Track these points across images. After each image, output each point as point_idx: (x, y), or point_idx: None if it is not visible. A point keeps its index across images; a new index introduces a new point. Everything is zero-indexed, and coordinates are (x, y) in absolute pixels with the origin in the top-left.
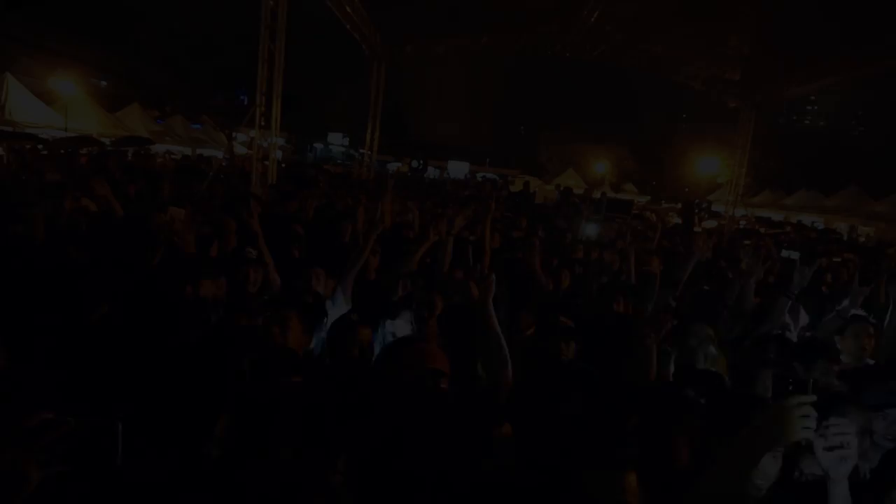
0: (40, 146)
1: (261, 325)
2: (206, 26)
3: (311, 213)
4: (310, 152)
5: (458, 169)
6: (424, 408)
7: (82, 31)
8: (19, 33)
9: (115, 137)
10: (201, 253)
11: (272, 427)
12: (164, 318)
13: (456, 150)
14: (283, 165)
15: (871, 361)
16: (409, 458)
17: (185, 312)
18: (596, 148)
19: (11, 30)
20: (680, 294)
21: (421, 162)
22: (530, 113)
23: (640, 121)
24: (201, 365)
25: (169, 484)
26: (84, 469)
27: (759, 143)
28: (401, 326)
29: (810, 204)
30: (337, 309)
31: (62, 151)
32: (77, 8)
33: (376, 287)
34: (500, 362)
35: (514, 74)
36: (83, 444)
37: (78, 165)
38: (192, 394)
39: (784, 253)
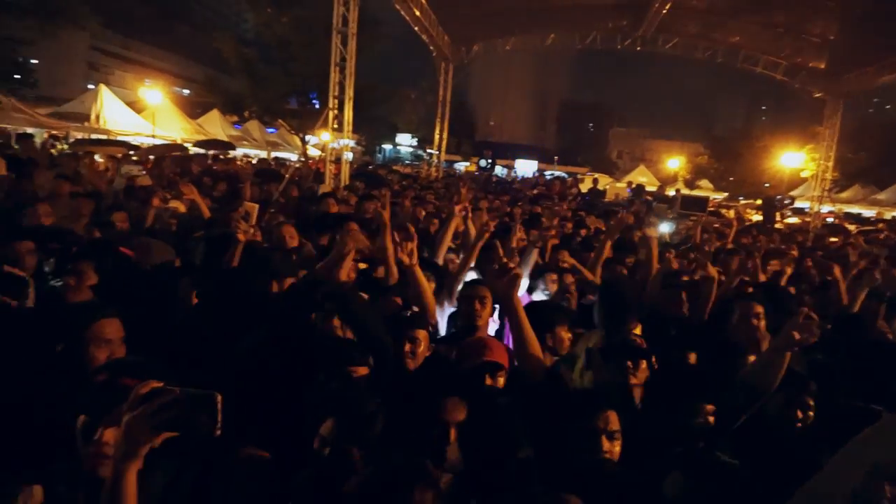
0: (131, 152)
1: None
2: (281, 33)
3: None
4: (378, 153)
5: (525, 167)
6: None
7: (168, 45)
8: (114, 49)
9: (196, 142)
10: (285, 252)
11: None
12: (252, 314)
13: (524, 148)
14: (354, 167)
15: None
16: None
17: (274, 309)
18: (669, 143)
19: (106, 46)
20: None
21: (489, 161)
22: (600, 110)
23: (717, 114)
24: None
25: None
26: (189, 436)
27: (848, 136)
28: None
29: None
30: (444, 312)
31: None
32: (163, 23)
33: None
34: (531, 353)
35: (583, 71)
36: (188, 412)
37: (166, 170)
38: (284, 390)
39: None
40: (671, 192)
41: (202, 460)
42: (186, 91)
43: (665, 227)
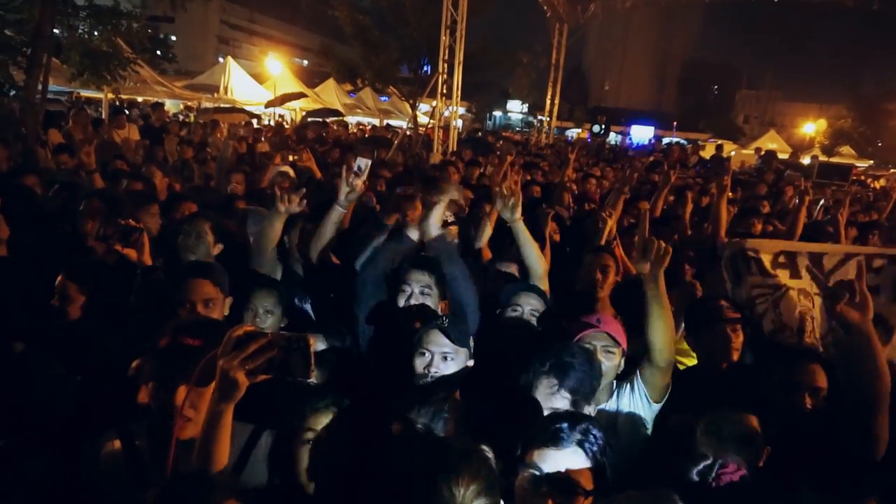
0: (254, 121)
1: None
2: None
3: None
4: (489, 120)
5: (641, 134)
6: None
7: (289, 16)
8: (241, 23)
9: (307, 112)
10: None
11: None
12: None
13: (640, 113)
14: (462, 134)
15: None
16: None
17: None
18: (805, 106)
19: (234, 20)
20: None
21: (603, 127)
22: (726, 70)
23: (863, 72)
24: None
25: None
26: (283, 377)
27: None
28: None
29: None
30: None
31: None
32: None
33: None
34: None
35: (709, 29)
36: (282, 355)
37: (283, 136)
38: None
39: None
40: (806, 160)
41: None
42: (305, 62)
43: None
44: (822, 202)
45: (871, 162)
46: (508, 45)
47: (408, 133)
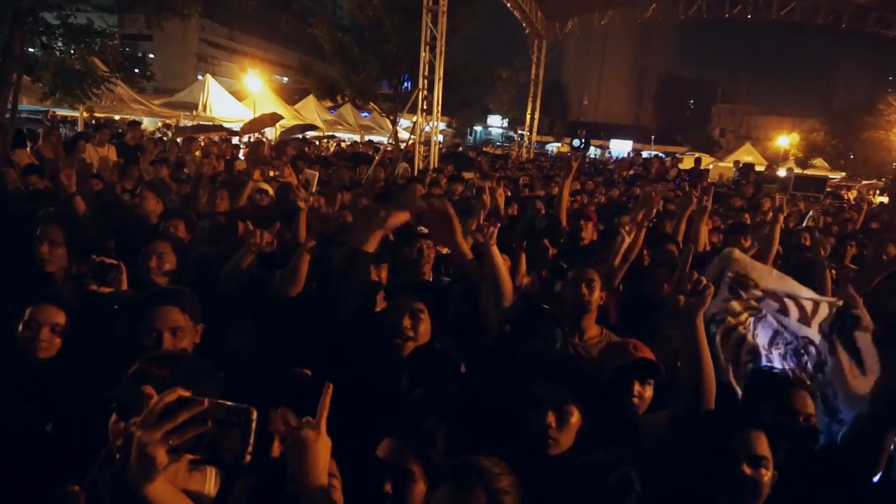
0: (234, 138)
1: None
2: (374, 15)
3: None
4: (469, 135)
5: (620, 148)
6: None
7: (269, 34)
8: (220, 41)
9: (284, 129)
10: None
11: None
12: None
13: (619, 128)
14: (443, 149)
15: None
16: None
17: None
18: (779, 119)
19: (214, 38)
20: None
21: (583, 141)
22: (701, 85)
23: (835, 87)
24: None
25: None
26: (213, 458)
27: None
28: None
29: None
30: None
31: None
32: (265, 13)
33: None
34: None
35: (684, 45)
36: (216, 430)
37: (262, 154)
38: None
39: None
40: (781, 172)
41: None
42: (285, 79)
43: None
44: (810, 214)
45: (844, 174)
46: (488, 61)
47: (389, 149)
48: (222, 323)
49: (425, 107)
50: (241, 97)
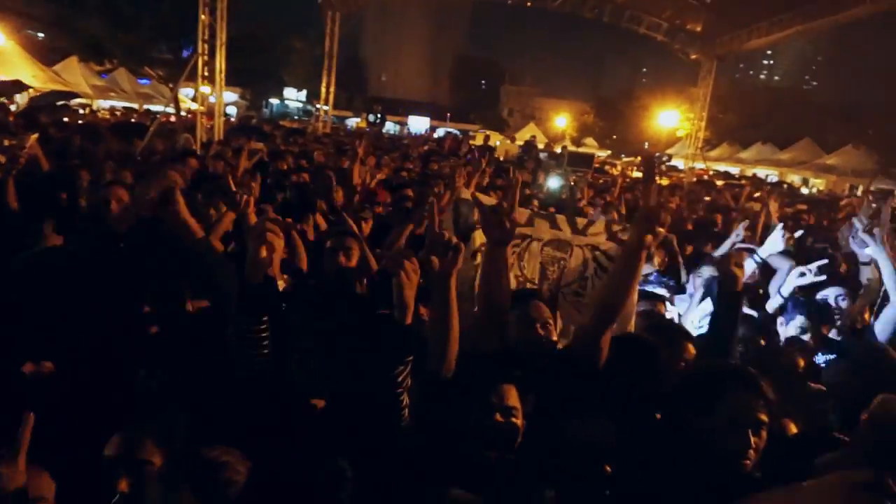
0: None
1: None
2: None
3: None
4: (266, 108)
5: (419, 124)
6: None
7: None
8: None
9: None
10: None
11: None
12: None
13: (417, 105)
14: (234, 121)
15: None
16: None
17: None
18: (558, 102)
19: None
20: None
21: (378, 116)
22: (493, 67)
23: (603, 74)
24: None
25: None
26: None
27: (719, 98)
28: None
29: (765, 157)
30: None
31: None
32: None
33: None
34: None
35: (477, 27)
36: None
37: (5, 120)
38: None
39: None
40: (558, 150)
41: None
42: (41, 34)
43: (555, 183)
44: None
45: (609, 152)
46: (281, 30)
47: (171, 119)
48: None
49: (206, 74)
50: None
